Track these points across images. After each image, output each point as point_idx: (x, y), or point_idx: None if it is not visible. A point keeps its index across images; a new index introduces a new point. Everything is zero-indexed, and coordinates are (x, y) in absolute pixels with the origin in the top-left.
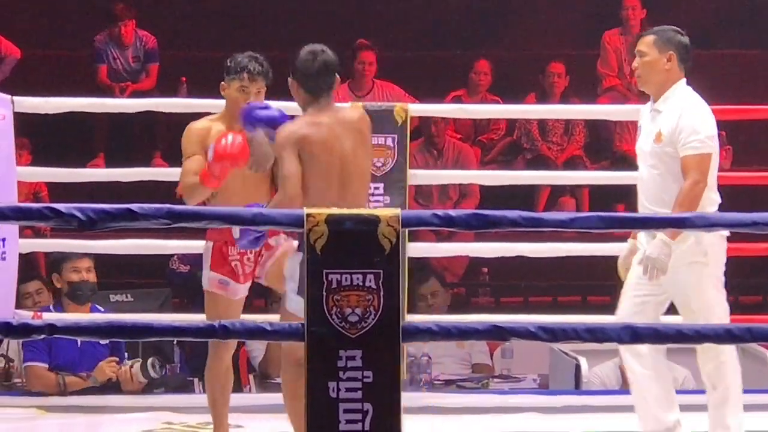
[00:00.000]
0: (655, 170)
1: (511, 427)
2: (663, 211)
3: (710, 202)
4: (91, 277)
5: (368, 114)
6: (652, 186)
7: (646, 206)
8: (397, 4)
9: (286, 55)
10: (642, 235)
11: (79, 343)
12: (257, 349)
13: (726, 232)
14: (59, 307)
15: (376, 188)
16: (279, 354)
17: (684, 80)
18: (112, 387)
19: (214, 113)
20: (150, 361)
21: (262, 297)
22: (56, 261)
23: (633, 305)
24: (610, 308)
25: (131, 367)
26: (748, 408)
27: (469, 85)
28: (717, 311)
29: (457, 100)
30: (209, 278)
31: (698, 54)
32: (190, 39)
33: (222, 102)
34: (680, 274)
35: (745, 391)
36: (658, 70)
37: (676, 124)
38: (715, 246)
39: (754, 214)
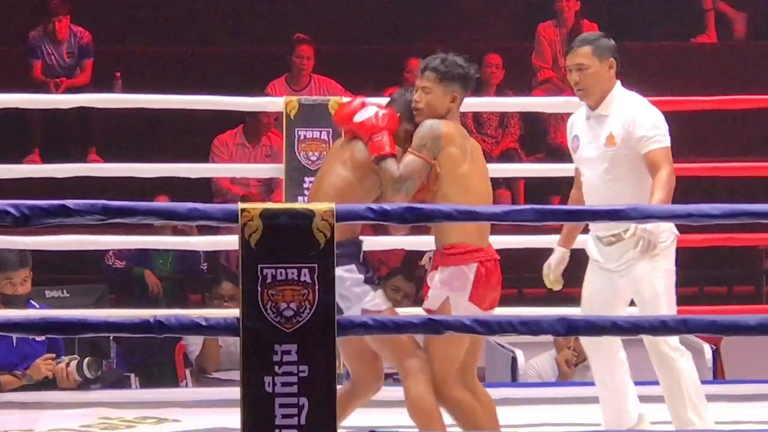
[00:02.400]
0: (609, 175)
1: (447, 419)
2: None
3: None
4: (26, 288)
5: (303, 108)
6: (607, 191)
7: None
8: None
9: (223, 51)
10: (591, 243)
11: (15, 342)
12: (194, 343)
13: (675, 228)
14: None
15: (311, 182)
16: (215, 349)
17: (619, 81)
18: (47, 383)
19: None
20: (87, 361)
21: (198, 292)
22: None
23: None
24: (545, 300)
25: (67, 365)
26: None
27: (403, 84)
28: (664, 299)
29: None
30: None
31: (631, 46)
32: (124, 34)
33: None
34: (634, 268)
35: None
36: (603, 80)
37: (631, 124)
38: (665, 240)
39: (688, 206)
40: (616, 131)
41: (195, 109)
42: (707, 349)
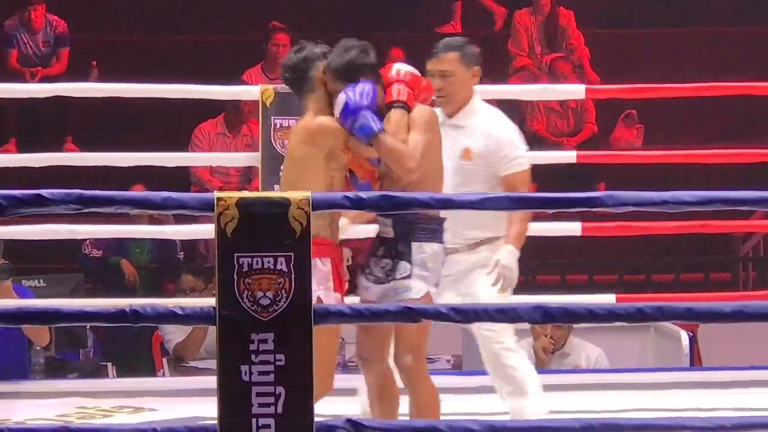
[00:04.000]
0: (462, 188)
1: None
2: (477, 234)
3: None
4: None
5: (279, 96)
6: None
7: (457, 231)
8: None
9: (199, 39)
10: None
11: None
12: (172, 332)
13: None
14: None
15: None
16: (201, 339)
17: (477, 91)
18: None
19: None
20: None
21: (175, 281)
22: None
23: None
24: (523, 288)
25: None
26: (664, 386)
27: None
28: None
29: None
30: (335, 299)
31: (612, 33)
32: (100, 23)
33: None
34: (473, 277)
35: (662, 370)
36: (467, 88)
37: (493, 142)
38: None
39: (664, 193)
40: (474, 145)
41: (171, 97)
42: (684, 336)
